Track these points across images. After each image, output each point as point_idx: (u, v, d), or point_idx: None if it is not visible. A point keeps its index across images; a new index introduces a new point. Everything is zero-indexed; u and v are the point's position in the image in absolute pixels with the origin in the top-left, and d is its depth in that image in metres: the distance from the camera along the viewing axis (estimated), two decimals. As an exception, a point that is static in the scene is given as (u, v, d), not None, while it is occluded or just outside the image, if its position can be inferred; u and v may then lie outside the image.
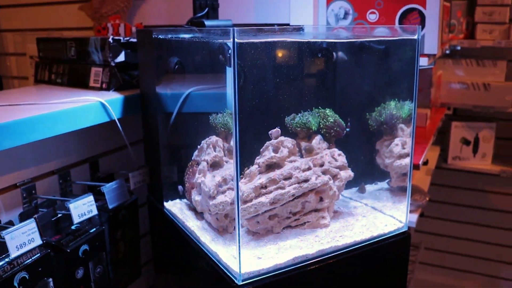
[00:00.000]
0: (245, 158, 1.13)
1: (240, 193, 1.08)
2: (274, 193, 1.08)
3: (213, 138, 1.08)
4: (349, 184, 1.35)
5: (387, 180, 1.39)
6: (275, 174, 1.09)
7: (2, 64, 2.53)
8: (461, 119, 2.76)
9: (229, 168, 1.10)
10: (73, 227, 1.31)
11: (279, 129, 1.03)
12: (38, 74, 1.77)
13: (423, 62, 1.60)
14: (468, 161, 2.71)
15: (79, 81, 1.59)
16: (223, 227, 1.09)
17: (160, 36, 1.22)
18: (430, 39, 1.60)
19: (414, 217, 1.78)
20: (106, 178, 1.56)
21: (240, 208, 1.07)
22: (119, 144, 1.61)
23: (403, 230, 1.21)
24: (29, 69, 2.28)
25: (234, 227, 0.98)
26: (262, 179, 1.09)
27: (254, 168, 1.13)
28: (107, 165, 1.60)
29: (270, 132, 1.03)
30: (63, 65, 1.66)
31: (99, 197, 1.40)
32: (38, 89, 1.61)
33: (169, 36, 1.18)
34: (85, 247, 1.27)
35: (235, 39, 0.84)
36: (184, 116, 1.18)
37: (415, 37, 1.13)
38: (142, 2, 1.98)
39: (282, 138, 1.15)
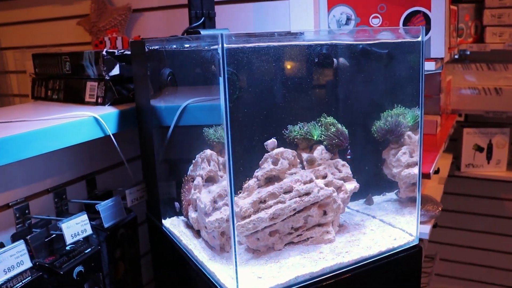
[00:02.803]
0: (243, 171, 1.07)
1: (237, 209, 1.02)
2: (274, 207, 1.02)
3: (207, 152, 1.02)
4: (355, 196, 1.28)
5: (395, 191, 1.32)
6: (275, 187, 1.03)
7: (3, 82, 2.51)
8: (473, 125, 2.68)
9: (225, 183, 1.04)
10: (67, 248, 1.26)
11: (275, 140, 0.97)
12: (34, 91, 1.74)
13: (430, 66, 1.53)
14: (482, 168, 2.62)
15: (75, 97, 1.55)
16: (220, 245, 1.02)
17: (152, 47, 1.17)
18: (437, 42, 1.54)
19: (427, 228, 1.70)
20: (104, 196, 1.51)
21: (237, 225, 1.01)
22: (116, 160, 1.56)
23: (414, 244, 1.14)
24: (30, 86, 2.25)
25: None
26: (261, 193, 1.03)
27: (252, 182, 1.06)
28: (104, 182, 1.55)
29: (265, 143, 0.97)
30: (59, 81, 1.62)
31: (96, 215, 1.35)
32: (32, 106, 1.57)
33: (161, 46, 1.13)
34: (79, 268, 1.22)
35: (224, 44, 0.79)
36: (178, 129, 1.13)
37: (419, 39, 1.07)
38: (139, 15, 1.95)
39: (281, 149, 1.09)
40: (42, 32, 2.28)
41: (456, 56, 2.40)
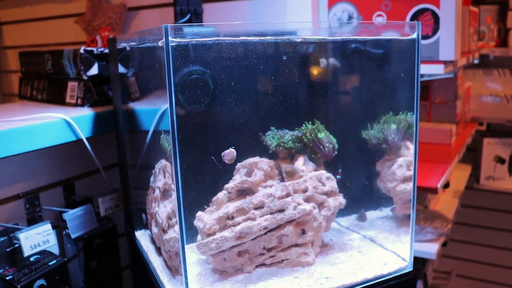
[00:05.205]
0: (211, 183, 0.97)
1: (201, 225, 0.91)
2: (241, 225, 0.90)
3: (163, 162, 0.92)
4: (348, 211, 1.16)
5: (391, 207, 1.18)
6: (244, 202, 0.92)
7: (5, 82, 2.47)
8: (495, 135, 2.50)
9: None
10: (32, 259, 1.17)
11: (233, 150, 0.86)
12: (21, 90, 1.67)
13: (439, 70, 1.39)
14: (503, 181, 2.44)
15: (57, 97, 1.47)
16: (175, 267, 0.91)
17: (122, 44, 1.07)
18: (446, 43, 1.40)
19: (435, 247, 1.56)
20: (83, 202, 1.42)
21: (199, 243, 0.90)
22: (97, 165, 1.47)
23: (407, 271, 1.00)
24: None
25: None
26: (229, 208, 0.92)
27: (222, 194, 0.95)
28: (84, 188, 1.46)
29: (222, 153, 0.86)
30: (43, 80, 1.54)
31: (71, 224, 1.26)
32: (12, 106, 1.50)
33: (128, 44, 1.03)
34: (41, 282, 1.13)
35: (169, 38, 0.68)
36: (142, 135, 1.02)
37: (414, 35, 0.94)
38: (135, 14, 1.86)
39: (256, 159, 0.98)
40: (44, 31, 2.22)
41: (477, 61, 2.24)
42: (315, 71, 1.01)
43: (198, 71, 0.95)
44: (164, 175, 0.89)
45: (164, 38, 0.68)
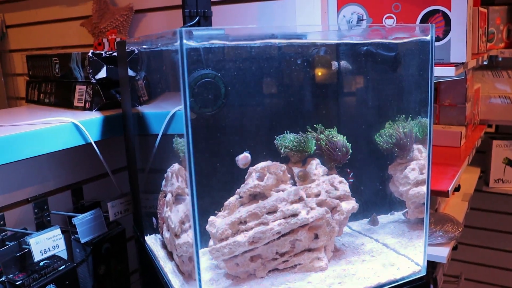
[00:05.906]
0: (223, 187, 0.95)
1: (213, 230, 0.90)
2: (254, 230, 0.89)
3: (176, 166, 0.91)
4: (360, 215, 1.15)
5: (403, 211, 1.17)
6: (256, 206, 0.91)
7: (11, 85, 2.47)
8: (504, 138, 2.48)
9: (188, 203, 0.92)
10: (41, 264, 1.16)
11: (248, 155, 0.85)
12: (28, 94, 1.66)
13: (450, 72, 1.38)
14: (512, 184, 2.42)
15: (64, 101, 1.46)
16: (188, 272, 0.90)
17: (132, 48, 1.06)
18: (457, 45, 1.38)
19: (445, 251, 1.54)
20: (91, 206, 1.41)
21: (212, 249, 0.89)
22: (105, 169, 1.46)
23: (420, 275, 0.99)
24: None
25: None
26: (241, 212, 0.91)
27: (234, 199, 0.94)
28: (93, 192, 1.45)
29: (236, 158, 0.85)
30: (50, 84, 1.54)
31: (79, 228, 1.25)
32: (19, 110, 1.49)
33: (138, 47, 1.02)
34: (51, 287, 1.12)
35: (184, 41, 0.67)
36: (154, 138, 1.01)
37: (428, 37, 0.93)
38: (142, 16, 1.85)
39: (268, 163, 0.97)
40: (49, 33, 2.22)
41: (485, 63, 2.22)
42: (327, 74, 1.00)
43: (209, 75, 0.94)
44: (177, 179, 0.88)
45: (178, 42, 0.67)
